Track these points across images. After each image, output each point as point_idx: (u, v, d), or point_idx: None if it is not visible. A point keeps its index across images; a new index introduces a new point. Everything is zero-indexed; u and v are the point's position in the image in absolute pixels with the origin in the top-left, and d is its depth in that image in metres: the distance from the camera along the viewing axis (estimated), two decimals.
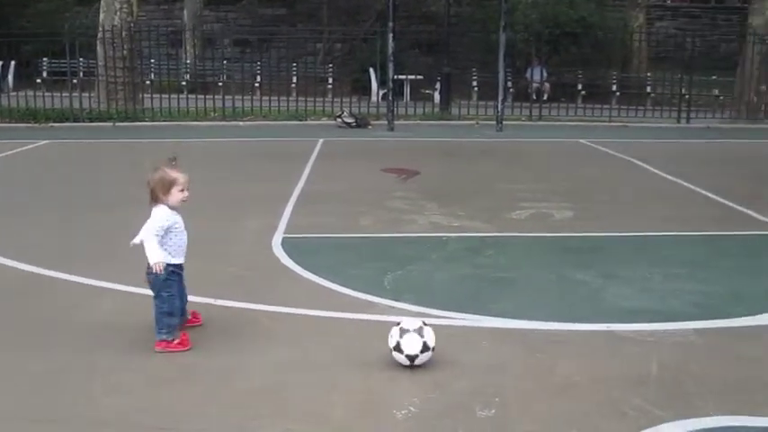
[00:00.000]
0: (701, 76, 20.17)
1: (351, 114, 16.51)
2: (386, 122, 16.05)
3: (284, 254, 6.28)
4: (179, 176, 4.24)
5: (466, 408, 3.72)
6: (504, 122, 16.23)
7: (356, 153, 12.67)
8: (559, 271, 5.91)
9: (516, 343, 4.55)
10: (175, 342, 4.31)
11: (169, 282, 4.30)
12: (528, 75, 20.85)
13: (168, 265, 4.27)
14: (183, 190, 4.25)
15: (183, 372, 4.11)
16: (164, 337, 4.30)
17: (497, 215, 7.87)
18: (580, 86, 21.77)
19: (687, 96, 18.77)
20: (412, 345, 4.08)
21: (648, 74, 22.73)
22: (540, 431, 3.52)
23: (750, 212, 8.15)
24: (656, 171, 10.87)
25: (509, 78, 20.01)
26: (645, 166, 11.34)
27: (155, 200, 4.28)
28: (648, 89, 21.85)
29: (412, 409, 3.71)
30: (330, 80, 21.74)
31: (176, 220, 4.32)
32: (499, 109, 16.21)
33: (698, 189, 9.47)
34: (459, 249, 6.49)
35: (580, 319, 4.90)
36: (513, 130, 16.09)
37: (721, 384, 4.02)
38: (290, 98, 18.18)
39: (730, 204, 8.56)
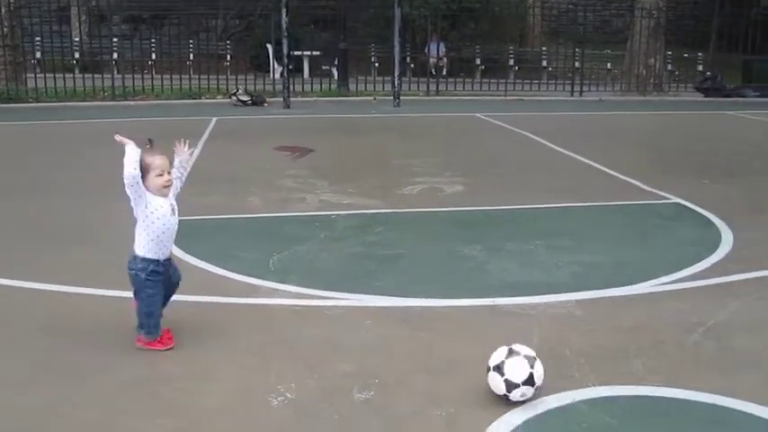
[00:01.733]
0: (593, 50, 20.63)
1: (246, 92, 16.17)
2: (281, 100, 15.78)
3: None
4: (154, 160, 3.87)
5: (344, 391, 3.63)
6: (401, 98, 16.22)
7: (250, 132, 12.41)
8: (446, 246, 5.89)
9: (399, 322, 4.49)
10: (157, 340, 4.03)
11: (149, 282, 3.94)
12: (426, 50, 20.87)
13: (144, 259, 3.93)
14: (161, 174, 3.88)
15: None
16: (143, 335, 4.02)
17: (389, 191, 7.81)
18: (479, 61, 21.95)
19: (580, 70, 19.15)
20: (517, 371, 3.43)
21: (544, 48, 23.11)
22: (419, 411, 3.46)
23: (636, 182, 8.33)
24: (547, 144, 11.02)
25: (408, 54, 20.00)
26: (537, 139, 11.49)
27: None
28: (544, 63, 22.21)
29: (288, 395, 3.59)
30: (228, 57, 21.27)
31: (159, 203, 3.91)
32: (396, 84, 16.17)
33: (587, 161, 9.64)
34: (348, 227, 6.37)
35: (464, 295, 4.87)
36: (411, 105, 16.08)
37: (601, 354, 4.05)
38: (185, 76, 17.67)
39: (617, 175, 8.75)
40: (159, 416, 3.41)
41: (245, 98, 15.86)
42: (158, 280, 3.97)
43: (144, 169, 3.83)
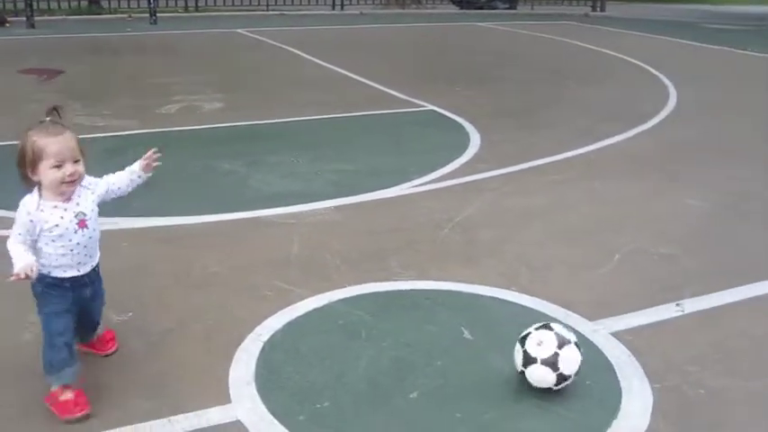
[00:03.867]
0: None
1: None
2: (24, 19, 14.54)
3: None
4: (47, 144, 2.61)
5: (105, 318, 3.52)
6: (159, 15, 15.48)
7: None
8: (207, 163, 5.81)
9: (158, 241, 4.40)
10: (63, 397, 2.81)
11: (47, 295, 2.79)
12: None
13: (48, 277, 2.77)
14: (58, 165, 2.63)
15: None
16: (49, 381, 2.83)
17: (146, 111, 7.52)
18: None
19: None
20: (571, 362, 2.91)
21: None
22: (178, 328, 3.44)
23: (393, 92, 8.61)
24: (308, 57, 11.05)
25: None
26: (299, 52, 11.48)
27: (24, 181, 2.72)
28: None
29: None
30: None
31: (49, 217, 2.70)
32: (152, 0, 15.40)
33: (347, 73, 9.80)
34: (101, 151, 6.07)
35: (226, 209, 4.85)
36: (169, 22, 15.43)
37: (358, 257, 4.21)
38: None
39: (375, 86, 8.98)
40: None
41: None
42: (59, 295, 2.81)
43: (34, 156, 2.62)
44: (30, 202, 2.69)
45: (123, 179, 3.01)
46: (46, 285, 2.78)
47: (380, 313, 3.58)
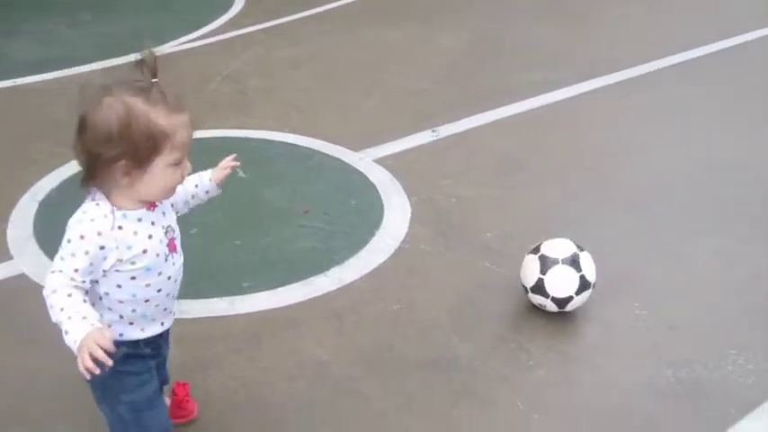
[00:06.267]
0: None
1: None
2: None
3: None
4: (177, 126, 1.62)
5: None
6: None
7: None
8: None
9: None
10: None
11: (122, 375, 1.73)
12: None
13: (121, 343, 1.68)
14: (177, 163, 1.66)
15: None
16: None
17: None
18: None
19: None
20: (564, 284, 2.62)
21: None
22: None
23: None
24: None
25: None
26: None
27: (90, 178, 1.63)
28: None
29: None
30: None
31: (133, 238, 1.65)
32: None
33: None
34: None
35: None
36: None
37: None
38: None
39: None
40: None
41: None
42: (146, 371, 1.82)
43: (152, 145, 1.59)
44: (97, 214, 1.61)
45: (197, 190, 1.98)
46: (122, 358, 1.64)
47: None
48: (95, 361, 1.44)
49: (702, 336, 2.62)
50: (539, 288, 2.62)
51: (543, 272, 2.61)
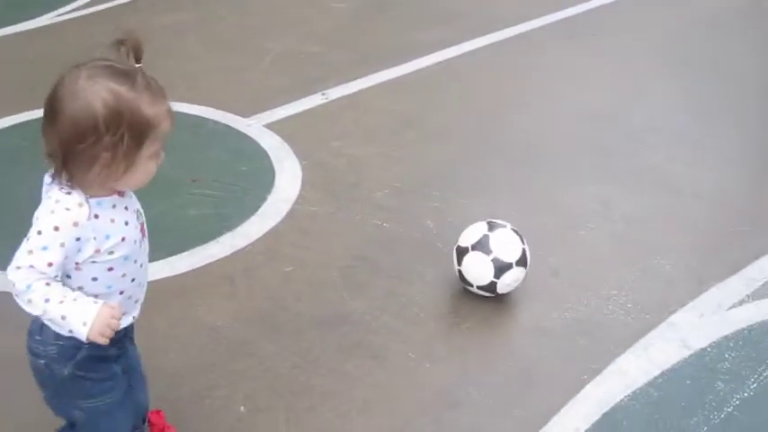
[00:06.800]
0: None
1: None
2: None
3: None
4: (161, 116, 1.50)
5: None
6: None
7: None
8: None
9: None
10: None
11: (81, 380, 1.63)
12: None
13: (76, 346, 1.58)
14: (158, 153, 1.56)
15: None
16: None
17: None
18: None
19: None
20: (508, 249, 2.56)
21: None
22: None
23: None
24: None
25: None
26: None
27: (63, 166, 1.48)
28: None
29: None
30: None
31: (110, 226, 1.53)
32: None
33: None
34: None
35: None
36: None
37: (9, 86, 4.10)
38: None
39: None
40: None
41: None
42: (109, 377, 1.69)
43: (137, 133, 1.47)
44: (72, 203, 1.48)
45: None
46: (83, 360, 1.60)
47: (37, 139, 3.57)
48: None
49: (584, 280, 2.75)
50: (463, 279, 2.60)
51: (459, 262, 2.59)
